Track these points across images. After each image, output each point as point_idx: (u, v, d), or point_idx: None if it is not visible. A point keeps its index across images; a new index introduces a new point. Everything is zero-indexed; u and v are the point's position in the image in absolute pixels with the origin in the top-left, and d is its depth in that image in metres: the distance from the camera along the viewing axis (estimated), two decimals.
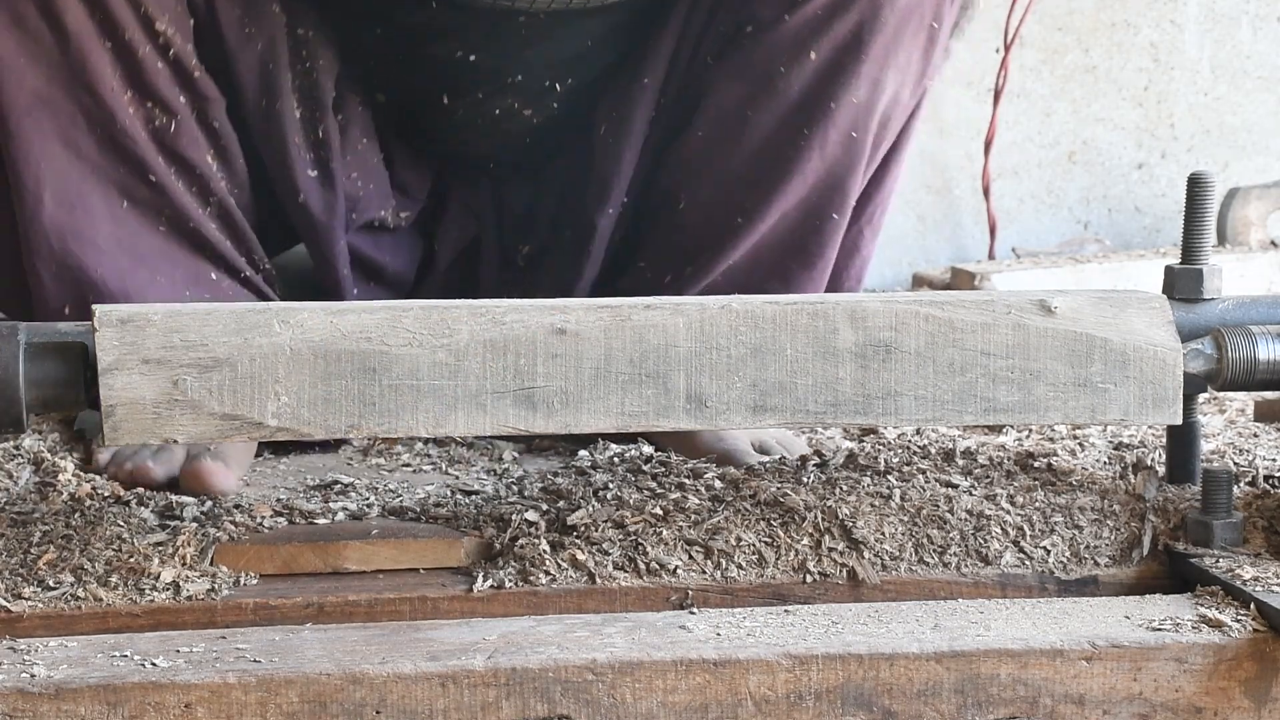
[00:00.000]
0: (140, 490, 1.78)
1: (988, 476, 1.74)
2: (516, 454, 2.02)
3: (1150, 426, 1.99)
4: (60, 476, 1.81)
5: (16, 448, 1.90)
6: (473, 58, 2.10)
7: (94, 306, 1.53)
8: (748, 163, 2.04)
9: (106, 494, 1.76)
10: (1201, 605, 1.55)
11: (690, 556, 1.63)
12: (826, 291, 2.15)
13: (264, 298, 2.06)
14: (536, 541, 1.63)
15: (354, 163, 2.13)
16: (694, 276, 2.08)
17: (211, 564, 1.62)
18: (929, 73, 2.06)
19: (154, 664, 1.42)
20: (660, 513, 1.66)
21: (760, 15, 2.01)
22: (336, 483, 1.89)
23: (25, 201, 1.92)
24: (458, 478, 1.93)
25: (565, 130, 2.20)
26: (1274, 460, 1.87)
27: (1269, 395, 2.12)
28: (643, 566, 1.62)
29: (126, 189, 1.95)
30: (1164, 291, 1.72)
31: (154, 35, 1.93)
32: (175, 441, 1.53)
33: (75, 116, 1.90)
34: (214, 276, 2.01)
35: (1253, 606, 1.53)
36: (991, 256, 3.06)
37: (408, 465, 1.99)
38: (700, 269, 2.08)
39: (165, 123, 1.95)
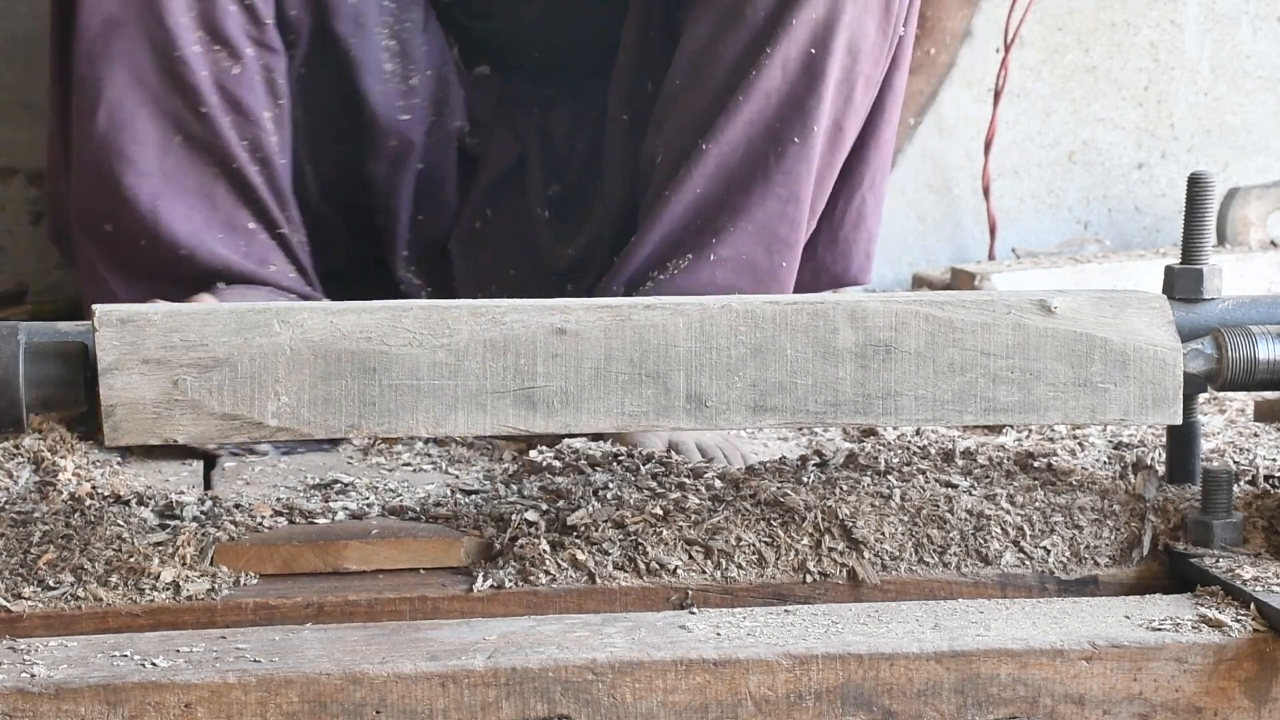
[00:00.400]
0: (140, 490, 1.78)
1: (988, 476, 1.74)
2: (516, 453, 2.02)
3: (1150, 426, 1.99)
4: (60, 476, 1.81)
5: (16, 447, 1.90)
6: None
7: (94, 306, 1.53)
8: (713, 93, 2.08)
9: (106, 494, 1.76)
10: (1201, 605, 1.55)
11: (690, 556, 1.63)
12: (838, 266, 2.20)
13: (296, 261, 2.12)
14: (536, 541, 1.63)
15: (431, 97, 2.22)
16: (659, 211, 2.10)
17: (211, 564, 1.62)
18: (894, 8, 2.08)
19: (154, 664, 1.42)
20: (660, 513, 1.66)
21: None
22: (336, 482, 1.89)
23: (83, 117, 2.02)
24: (458, 477, 1.93)
25: (599, 42, 2.25)
26: (1274, 460, 1.87)
27: (1269, 395, 2.12)
28: (643, 566, 1.62)
29: (179, 121, 2.03)
30: (1164, 291, 1.72)
31: None
32: (176, 442, 1.53)
33: (141, 43, 2.00)
34: (251, 226, 2.08)
35: (1253, 606, 1.53)
36: (991, 256, 3.05)
37: (408, 465, 1.99)
38: (665, 200, 2.10)
39: (229, 66, 2.04)
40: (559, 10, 2.29)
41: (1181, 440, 1.78)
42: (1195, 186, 1.72)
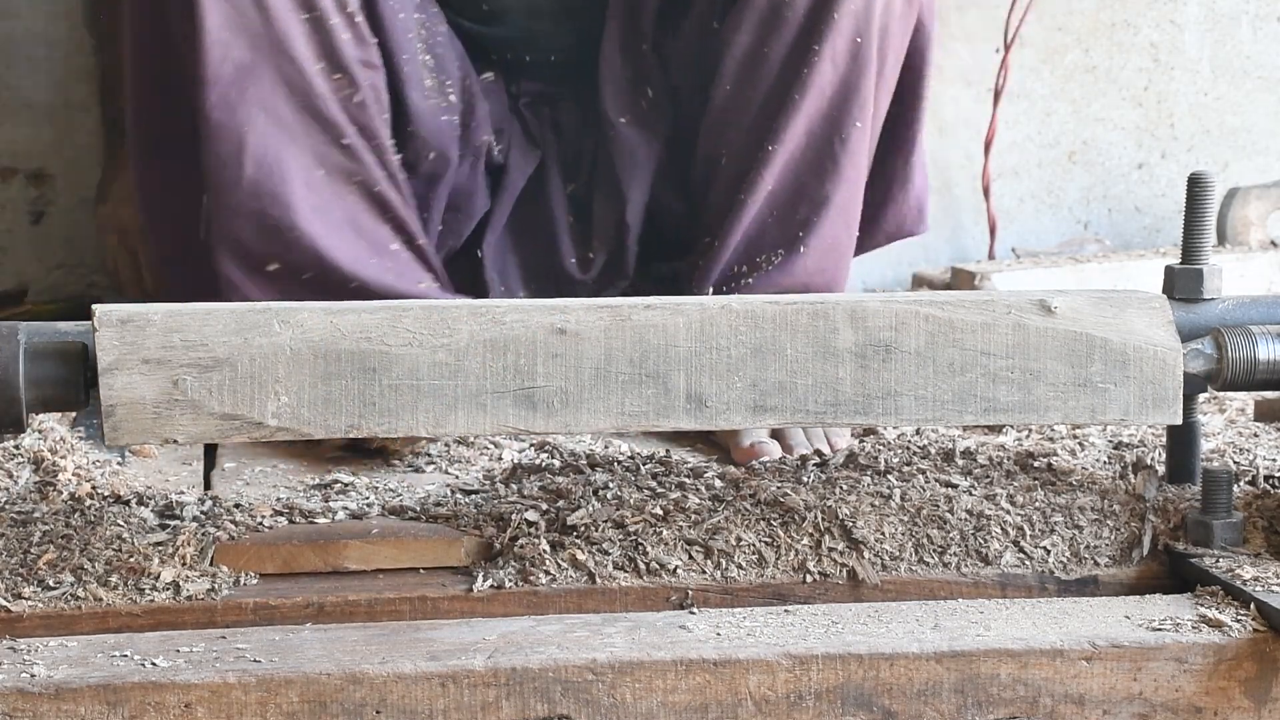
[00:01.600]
0: (140, 490, 1.79)
1: (988, 476, 1.74)
2: (517, 453, 2.02)
3: (1150, 426, 1.99)
4: (60, 476, 1.81)
5: (16, 448, 1.90)
6: None
7: (94, 307, 1.53)
8: (768, 94, 2.13)
9: (106, 494, 1.76)
10: (1201, 605, 1.55)
11: (690, 556, 1.63)
12: (892, 224, 2.29)
13: (432, 269, 2.12)
14: (536, 541, 1.63)
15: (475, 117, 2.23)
16: (736, 213, 2.15)
17: (211, 564, 1.62)
18: None
19: (154, 664, 1.42)
20: (660, 513, 1.66)
21: None
22: (336, 482, 1.89)
23: (225, 168, 1.99)
24: (458, 477, 1.93)
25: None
26: (1274, 460, 1.87)
27: (1269, 395, 2.12)
28: (643, 566, 1.62)
29: (320, 156, 2.02)
30: (1164, 291, 1.72)
31: (342, 6, 2.01)
32: (176, 442, 1.52)
33: (276, 85, 1.98)
34: (394, 247, 2.07)
35: (1253, 606, 1.53)
36: (991, 256, 3.05)
37: (408, 464, 1.99)
38: (740, 203, 2.15)
39: (350, 94, 2.03)
40: (568, 9, 2.29)
41: (1181, 440, 1.78)
42: (1195, 186, 1.72)
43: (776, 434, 2.05)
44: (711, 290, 2.15)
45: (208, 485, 1.93)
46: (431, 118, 2.17)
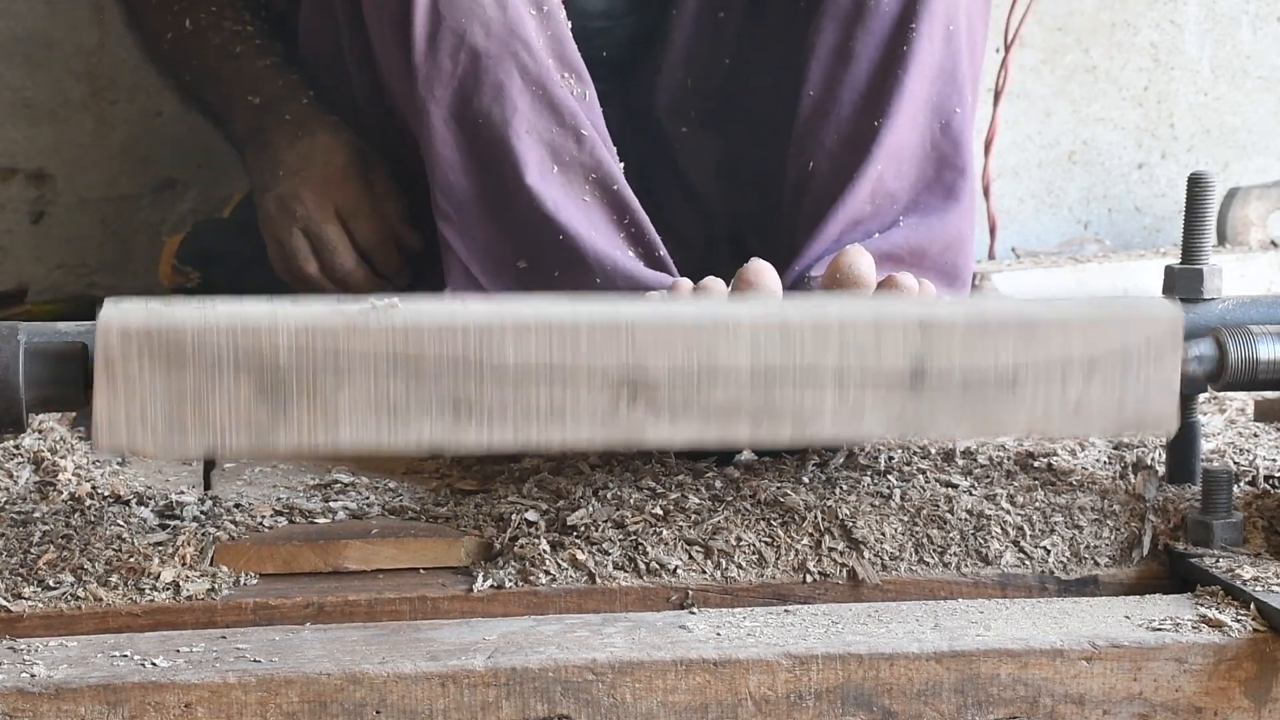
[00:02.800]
0: (140, 490, 1.79)
1: (988, 476, 1.74)
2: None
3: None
4: (60, 476, 1.81)
5: (16, 447, 1.90)
6: None
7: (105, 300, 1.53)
8: (865, 77, 2.04)
9: (106, 494, 1.76)
10: (1201, 605, 1.55)
11: (690, 556, 1.63)
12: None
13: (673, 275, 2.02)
14: (536, 541, 1.63)
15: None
16: (842, 198, 2.02)
17: (211, 564, 1.62)
18: None
19: (154, 664, 1.43)
20: (660, 512, 1.66)
21: None
22: (336, 482, 1.89)
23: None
24: (461, 477, 1.93)
25: (651, 32, 2.25)
26: (1274, 460, 1.87)
27: (1269, 395, 2.12)
28: (643, 566, 1.62)
29: (556, 149, 1.95)
30: (1164, 291, 1.72)
31: (560, 8, 1.97)
32: None
33: (510, 73, 1.93)
34: (630, 254, 1.97)
35: (1253, 606, 1.53)
36: (991, 256, 3.05)
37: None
38: (844, 186, 2.02)
39: (580, 93, 1.97)
40: (624, 9, 2.25)
41: (1181, 440, 1.78)
42: (1195, 186, 1.72)
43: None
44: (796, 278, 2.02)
45: (208, 485, 1.93)
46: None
